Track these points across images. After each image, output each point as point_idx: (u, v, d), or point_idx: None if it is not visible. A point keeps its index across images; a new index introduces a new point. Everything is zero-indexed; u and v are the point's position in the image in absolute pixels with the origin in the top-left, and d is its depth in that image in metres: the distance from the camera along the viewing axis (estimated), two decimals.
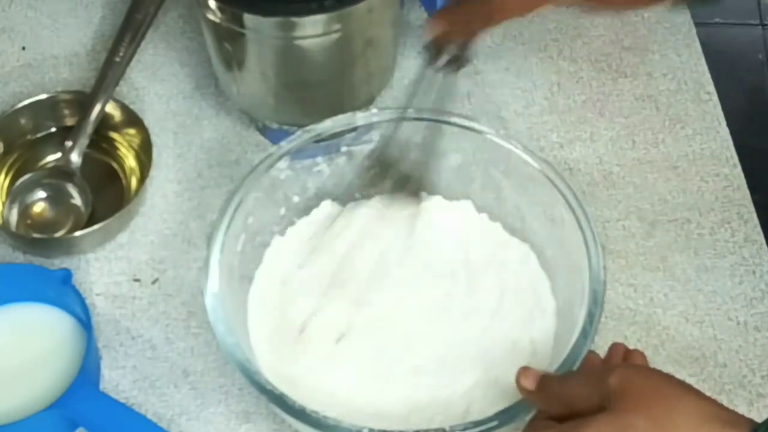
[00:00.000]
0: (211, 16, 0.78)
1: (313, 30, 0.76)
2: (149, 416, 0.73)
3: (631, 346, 0.68)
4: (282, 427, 0.73)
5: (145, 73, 0.92)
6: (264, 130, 0.88)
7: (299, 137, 0.75)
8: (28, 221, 0.83)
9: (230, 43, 0.79)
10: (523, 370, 0.63)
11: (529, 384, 0.62)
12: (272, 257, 0.76)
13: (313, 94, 0.82)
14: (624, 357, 0.67)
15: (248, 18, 0.76)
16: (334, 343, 0.72)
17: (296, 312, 0.73)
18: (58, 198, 0.84)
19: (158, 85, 0.92)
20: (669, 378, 0.59)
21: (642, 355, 0.68)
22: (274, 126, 0.85)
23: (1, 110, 0.87)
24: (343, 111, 0.76)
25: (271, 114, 0.84)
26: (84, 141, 0.84)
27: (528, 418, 0.64)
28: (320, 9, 0.74)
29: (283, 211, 0.77)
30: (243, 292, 0.73)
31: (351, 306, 0.73)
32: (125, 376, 0.76)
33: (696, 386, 0.59)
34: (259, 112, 0.86)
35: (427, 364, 0.71)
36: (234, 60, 0.81)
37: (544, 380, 0.63)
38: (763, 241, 0.82)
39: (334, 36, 0.77)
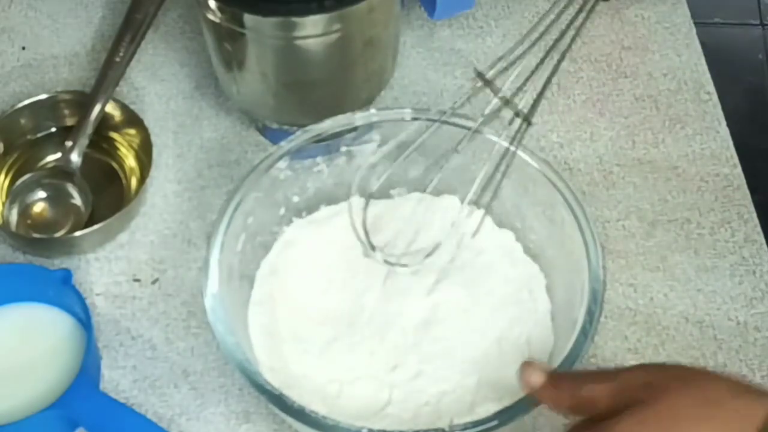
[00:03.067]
0: (211, 16, 0.78)
1: (313, 30, 0.76)
2: (149, 416, 0.72)
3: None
4: (282, 427, 0.73)
5: (145, 73, 0.92)
6: (264, 130, 0.88)
7: (299, 137, 0.75)
8: (28, 221, 0.83)
9: (230, 43, 0.79)
10: (527, 366, 0.62)
11: (537, 380, 0.61)
12: (274, 256, 0.76)
13: (313, 94, 0.82)
14: None
15: (248, 18, 0.76)
16: (333, 343, 0.72)
17: (296, 311, 0.74)
18: (58, 198, 0.84)
19: (158, 85, 0.92)
20: (684, 365, 0.59)
21: None
22: (274, 126, 0.85)
23: (1, 110, 0.87)
24: (343, 111, 0.76)
25: (271, 114, 0.84)
26: (84, 141, 0.84)
27: (526, 417, 0.63)
28: (320, 9, 0.74)
29: (283, 211, 0.77)
30: (243, 292, 0.73)
31: (351, 306, 0.73)
32: (125, 376, 0.76)
33: None
34: (259, 112, 0.86)
35: (426, 364, 0.71)
36: (234, 60, 0.81)
37: (555, 377, 0.61)
38: (763, 241, 0.82)
39: (334, 36, 0.77)
